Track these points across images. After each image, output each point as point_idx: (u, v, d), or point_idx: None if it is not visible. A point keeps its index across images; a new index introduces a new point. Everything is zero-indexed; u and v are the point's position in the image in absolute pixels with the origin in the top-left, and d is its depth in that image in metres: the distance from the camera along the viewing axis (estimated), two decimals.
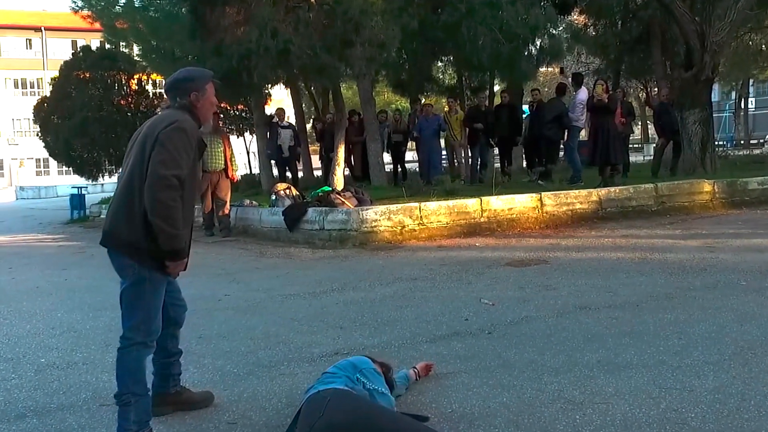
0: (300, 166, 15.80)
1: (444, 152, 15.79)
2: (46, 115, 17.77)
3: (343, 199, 9.23)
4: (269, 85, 14.83)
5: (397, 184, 13.49)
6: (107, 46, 18.68)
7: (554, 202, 9.24)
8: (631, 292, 5.21)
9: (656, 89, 16.63)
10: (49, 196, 33.85)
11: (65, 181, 33.37)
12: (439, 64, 18.88)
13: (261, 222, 10.30)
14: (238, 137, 20.54)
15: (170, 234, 2.86)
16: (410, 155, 18.30)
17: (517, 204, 9.07)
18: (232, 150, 10.87)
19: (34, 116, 18.94)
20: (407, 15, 11.75)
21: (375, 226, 8.46)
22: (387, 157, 15.52)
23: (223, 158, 10.44)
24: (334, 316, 5.05)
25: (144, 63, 17.58)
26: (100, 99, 16.59)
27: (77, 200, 17.24)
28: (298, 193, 10.28)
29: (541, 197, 9.20)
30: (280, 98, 25.26)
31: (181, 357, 3.37)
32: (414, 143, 15.64)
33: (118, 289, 3.02)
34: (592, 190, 9.69)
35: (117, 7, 16.37)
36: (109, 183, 24.95)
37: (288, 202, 9.74)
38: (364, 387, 2.90)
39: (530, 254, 7.12)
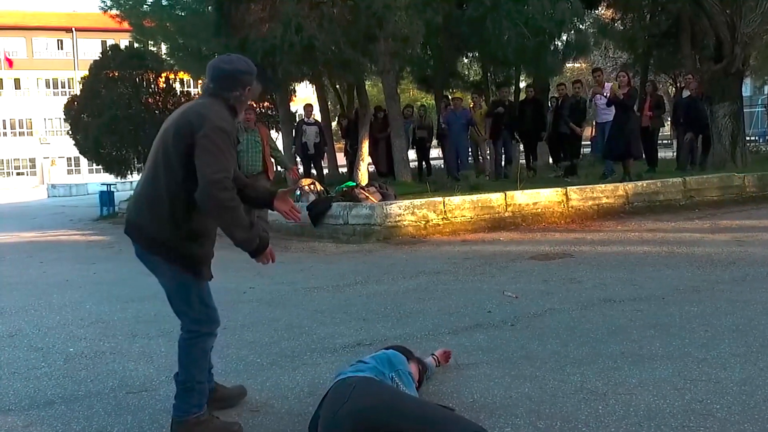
0: (325, 163, 15.86)
1: (468, 148, 15.70)
2: (77, 113, 18.05)
3: (367, 194, 9.24)
4: (294, 82, 14.93)
5: (422, 179, 13.47)
6: (135, 45, 18.93)
7: (580, 196, 9.16)
8: (657, 285, 5.14)
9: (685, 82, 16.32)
10: (79, 193, 34.32)
11: (95, 179, 33.85)
12: (464, 59, 18.77)
13: None
14: None
15: (242, 236, 2.86)
16: (435, 152, 18.23)
17: (542, 198, 9.01)
18: (272, 145, 9.54)
19: (64, 115, 19.24)
20: (431, 10, 11.73)
21: (399, 221, 8.47)
22: (412, 153, 15.50)
23: (261, 159, 9.00)
24: (357, 308, 5.07)
25: (171, 61, 17.82)
26: (129, 97, 16.81)
27: (106, 197, 17.50)
28: (322, 188, 10.30)
29: (566, 192, 9.13)
30: (305, 96, 25.38)
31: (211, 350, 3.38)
32: (438, 140, 15.60)
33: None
34: (618, 184, 9.59)
35: (145, 6, 16.61)
36: (137, 180, 25.39)
37: (312, 197, 9.78)
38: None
39: (555, 248, 7.07)
